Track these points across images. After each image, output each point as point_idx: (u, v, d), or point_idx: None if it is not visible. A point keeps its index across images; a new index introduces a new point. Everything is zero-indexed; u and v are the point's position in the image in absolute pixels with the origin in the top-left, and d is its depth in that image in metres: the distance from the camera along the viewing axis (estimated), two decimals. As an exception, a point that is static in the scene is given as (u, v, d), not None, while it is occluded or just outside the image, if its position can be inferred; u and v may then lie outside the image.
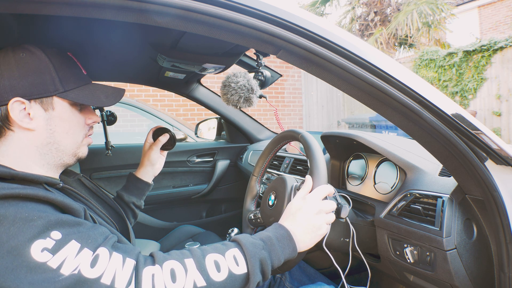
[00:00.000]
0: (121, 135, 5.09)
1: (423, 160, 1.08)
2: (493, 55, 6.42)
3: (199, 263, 0.62)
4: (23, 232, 0.53)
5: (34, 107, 0.68)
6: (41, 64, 0.69)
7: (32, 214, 0.55)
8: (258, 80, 1.25)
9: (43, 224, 0.55)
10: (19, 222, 0.54)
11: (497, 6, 11.22)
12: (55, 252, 0.54)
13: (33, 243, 0.53)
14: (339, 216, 0.99)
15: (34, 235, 0.53)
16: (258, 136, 2.24)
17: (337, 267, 0.98)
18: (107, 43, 1.14)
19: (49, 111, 0.70)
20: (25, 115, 0.68)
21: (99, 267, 0.55)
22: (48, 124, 0.70)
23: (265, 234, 0.72)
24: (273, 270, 0.89)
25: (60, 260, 0.53)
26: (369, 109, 1.04)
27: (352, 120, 6.10)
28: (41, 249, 0.53)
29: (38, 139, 0.70)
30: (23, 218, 0.54)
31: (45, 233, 0.54)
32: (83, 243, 0.56)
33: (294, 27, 0.65)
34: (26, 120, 0.68)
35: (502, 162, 0.78)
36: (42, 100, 0.69)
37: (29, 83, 0.67)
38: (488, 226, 0.86)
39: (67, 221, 0.58)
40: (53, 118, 0.71)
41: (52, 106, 0.70)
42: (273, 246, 0.69)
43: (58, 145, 0.72)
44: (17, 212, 0.54)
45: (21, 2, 0.53)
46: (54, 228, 0.56)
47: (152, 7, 0.57)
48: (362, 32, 8.29)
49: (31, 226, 0.54)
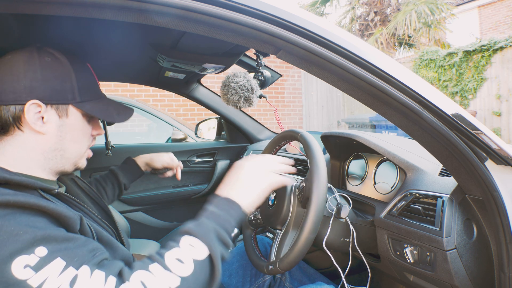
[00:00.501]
0: (121, 135, 5.09)
1: (423, 160, 1.08)
2: (493, 55, 6.42)
3: (163, 265, 0.60)
4: (6, 246, 0.50)
5: (49, 112, 0.69)
6: (64, 71, 0.71)
7: (18, 228, 0.53)
8: (258, 80, 1.25)
9: (29, 239, 0.52)
10: (4, 235, 0.51)
11: (497, 6, 11.22)
12: (38, 269, 0.51)
13: (15, 258, 0.50)
14: (339, 216, 0.99)
15: (17, 250, 0.51)
16: (258, 136, 2.24)
17: (337, 267, 0.98)
18: (107, 43, 1.14)
19: (63, 118, 0.71)
20: (39, 118, 0.68)
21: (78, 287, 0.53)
22: (59, 130, 0.71)
23: (203, 211, 0.70)
24: (273, 270, 0.89)
25: (42, 279, 0.51)
26: (369, 109, 1.04)
27: (352, 120, 6.09)
28: (24, 265, 0.50)
29: (46, 143, 0.70)
30: (8, 232, 0.52)
31: (29, 249, 0.52)
32: (69, 261, 0.54)
33: (294, 27, 0.65)
34: (39, 123, 0.68)
35: (502, 162, 0.78)
36: (58, 107, 0.70)
37: (49, 88, 0.68)
38: (488, 226, 0.86)
39: (55, 237, 0.55)
40: (65, 125, 0.72)
41: (66, 113, 0.72)
42: (215, 214, 0.68)
43: (64, 152, 0.73)
44: (3, 224, 0.52)
45: (21, 2, 0.53)
46: (40, 243, 0.53)
47: (152, 7, 0.57)
48: (362, 32, 8.29)
49: (16, 241, 0.51)
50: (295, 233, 0.96)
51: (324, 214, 1.00)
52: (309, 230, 0.84)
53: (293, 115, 8.32)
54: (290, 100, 8.25)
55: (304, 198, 0.93)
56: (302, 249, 0.85)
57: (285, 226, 0.98)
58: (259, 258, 1.05)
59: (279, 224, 0.99)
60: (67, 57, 0.72)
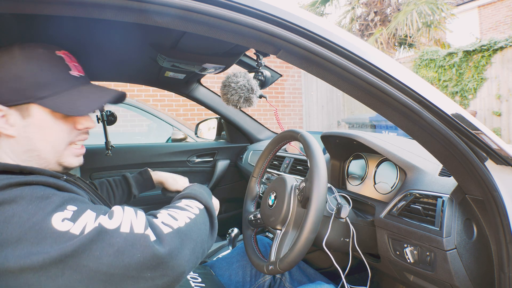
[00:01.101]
0: (121, 135, 5.09)
1: (423, 160, 1.08)
2: (493, 55, 6.41)
3: (179, 208, 0.72)
4: (41, 209, 0.56)
5: (12, 114, 0.67)
6: (19, 69, 0.67)
7: (48, 192, 0.59)
8: (258, 80, 1.25)
9: (59, 200, 0.58)
10: (36, 200, 0.56)
11: (497, 6, 11.22)
12: (75, 220, 0.57)
13: (52, 216, 0.56)
14: (339, 216, 0.99)
15: (52, 209, 0.56)
16: (258, 136, 2.24)
17: (337, 267, 0.98)
18: (107, 43, 1.14)
19: (26, 118, 0.68)
20: (5, 121, 0.67)
21: (116, 219, 0.60)
22: (25, 131, 0.68)
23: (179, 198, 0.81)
24: (273, 270, 0.90)
25: (82, 226, 0.56)
26: (369, 109, 1.04)
27: (352, 120, 6.09)
28: (61, 219, 0.56)
29: (19, 146, 0.69)
30: (39, 197, 0.57)
31: (62, 207, 0.58)
32: (98, 212, 0.60)
33: (294, 27, 0.65)
34: (5, 127, 0.67)
35: (502, 162, 0.78)
36: (20, 107, 0.67)
37: (7, 89, 0.66)
38: (488, 226, 0.86)
39: (79, 198, 0.63)
40: (30, 125, 0.68)
41: (28, 113, 0.67)
42: (192, 188, 0.84)
43: (39, 153, 0.70)
44: (33, 192, 0.57)
45: (21, 2, 0.53)
46: (69, 203, 0.59)
47: (152, 7, 0.57)
48: (362, 32, 8.29)
49: (48, 203, 0.57)
50: (295, 233, 0.96)
51: (324, 214, 1.00)
52: (309, 230, 0.84)
53: (293, 115, 8.32)
54: (290, 100, 8.25)
55: (304, 198, 0.93)
56: (302, 249, 0.85)
57: (285, 226, 0.98)
58: (259, 258, 1.05)
59: (279, 224, 0.99)
60: (25, 52, 0.68)
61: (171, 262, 0.60)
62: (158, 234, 0.61)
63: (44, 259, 0.52)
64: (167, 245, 0.60)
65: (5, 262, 0.52)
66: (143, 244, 0.58)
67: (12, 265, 0.52)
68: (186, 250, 0.64)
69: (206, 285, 1.01)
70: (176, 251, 0.61)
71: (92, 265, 0.55)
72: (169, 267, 0.60)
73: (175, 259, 0.60)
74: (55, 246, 0.53)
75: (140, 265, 0.57)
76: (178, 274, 0.62)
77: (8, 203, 0.55)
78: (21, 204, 0.55)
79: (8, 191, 0.56)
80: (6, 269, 0.52)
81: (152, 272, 0.58)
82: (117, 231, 0.58)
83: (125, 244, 0.57)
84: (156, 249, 0.58)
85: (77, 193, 0.65)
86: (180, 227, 0.65)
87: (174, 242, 0.62)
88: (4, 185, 0.56)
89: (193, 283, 1.00)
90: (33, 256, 0.52)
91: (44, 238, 0.54)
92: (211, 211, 0.77)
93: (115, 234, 0.57)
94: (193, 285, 0.98)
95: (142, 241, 0.58)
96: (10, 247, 0.53)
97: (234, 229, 1.51)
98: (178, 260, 0.61)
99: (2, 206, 0.55)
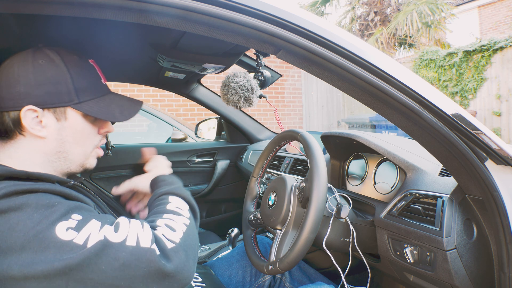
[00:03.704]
0: (121, 135, 5.08)
1: (423, 160, 1.08)
2: (493, 55, 6.42)
3: (174, 213, 0.71)
4: (46, 217, 0.56)
5: (46, 116, 0.69)
6: (58, 73, 0.69)
7: (53, 201, 0.59)
8: (258, 80, 1.25)
9: (64, 208, 0.58)
10: (42, 208, 0.56)
11: (497, 6, 11.22)
12: (79, 229, 0.57)
13: (57, 224, 0.56)
14: (339, 216, 0.99)
15: (56, 218, 0.56)
16: (258, 136, 2.24)
17: (337, 267, 0.98)
18: (107, 43, 1.14)
19: (62, 121, 0.70)
20: (37, 122, 0.68)
21: (122, 232, 0.60)
22: (59, 133, 0.70)
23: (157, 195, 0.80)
24: (273, 270, 0.89)
25: (85, 236, 0.56)
26: (369, 109, 1.04)
27: (352, 120, 6.09)
28: (66, 228, 0.56)
29: (48, 147, 0.70)
30: (44, 205, 0.57)
31: (66, 216, 0.58)
32: (103, 221, 0.60)
33: (294, 27, 0.65)
34: (37, 128, 0.68)
35: (502, 162, 0.78)
36: (55, 110, 0.69)
37: (44, 92, 0.67)
38: (488, 226, 0.86)
39: (85, 207, 0.63)
40: (64, 128, 0.71)
41: (65, 116, 0.70)
42: (169, 183, 0.84)
43: (67, 154, 0.73)
44: (38, 200, 0.57)
45: (21, 2, 0.53)
46: (74, 211, 0.59)
47: (152, 7, 0.57)
48: (362, 32, 8.29)
49: (53, 211, 0.57)
50: (295, 233, 0.96)
51: (324, 214, 1.00)
52: (309, 230, 0.84)
53: (293, 115, 8.32)
54: (290, 100, 8.25)
55: (304, 198, 0.93)
56: (302, 249, 0.85)
57: (285, 226, 0.98)
58: (259, 258, 1.05)
59: (279, 224, 0.99)
60: (63, 57, 0.70)
61: (178, 276, 0.61)
62: (162, 248, 0.61)
63: (48, 269, 0.53)
64: (173, 261, 0.61)
65: (9, 270, 0.52)
66: (149, 258, 0.58)
67: (15, 273, 0.52)
68: (191, 261, 0.65)
69: (206, 285, 1.01)
70: (182, 265, 0.62)
71: (97, 278, 0.55)
72: (176, 280, 0.61)
73: (181, 272, 0.61)
74: (59, 256, 0.54)
75: (146, 278, 0.58)
76: (185, 283, 0.63)
77: (14, 210, 0.55)
78: (26, 212, 0.55)
79: (14, 198, 0.56)
80: (10, 277, 0.52)
81: (158, 284, 0.59)
82: (122, 244, 0.58)
83: (131, 258, 0.57)
84: (162, 264, 0.59)
85: (83, 200, 0.65)
86: (181, 240, 0.65)
87: (180, 258, 0.62)
88: (10, 192, 0.56)
89: (193, 283, 1.00)
90: (37, 265, 0.53)
91: (48, 247, 0.54)
92: (194, 208, 0.77)
93: (121, 248, 0.57)
94: (193, 285, 0.98)
95: (149, 255, 0.58)
96: (14, 254, 0.53)
97: (234, 229, 1.51)
98: (185, 273, 0.62)
99: (8, 213, 0.55)
